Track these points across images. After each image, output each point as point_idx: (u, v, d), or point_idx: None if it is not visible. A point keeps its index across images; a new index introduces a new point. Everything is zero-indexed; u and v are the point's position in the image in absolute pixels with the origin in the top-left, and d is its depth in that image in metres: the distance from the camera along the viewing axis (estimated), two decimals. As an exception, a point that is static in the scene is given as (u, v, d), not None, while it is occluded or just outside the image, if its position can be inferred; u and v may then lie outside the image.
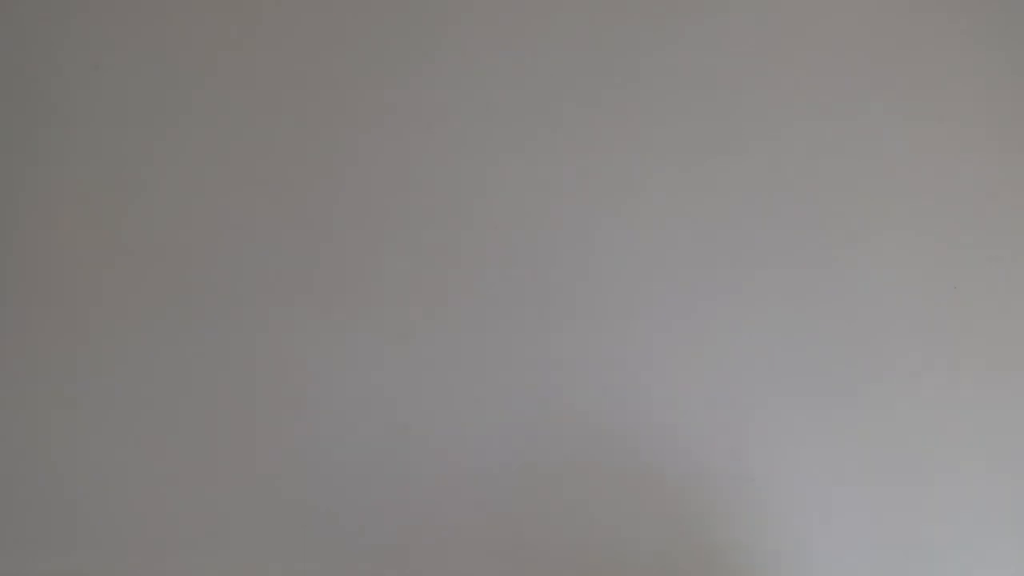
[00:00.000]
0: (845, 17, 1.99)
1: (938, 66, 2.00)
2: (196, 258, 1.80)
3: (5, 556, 1.73)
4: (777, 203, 1.95)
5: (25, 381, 1.75)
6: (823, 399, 1.95)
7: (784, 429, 1.94)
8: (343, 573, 1.81)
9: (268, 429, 1.81)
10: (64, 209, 1.77)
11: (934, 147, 2.00)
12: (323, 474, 1.82)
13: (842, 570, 1.93)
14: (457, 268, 1.86)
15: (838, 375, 1.96)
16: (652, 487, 1.90)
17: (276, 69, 1.82)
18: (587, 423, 1.89)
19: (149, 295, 1.78)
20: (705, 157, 1.93)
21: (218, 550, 1.78)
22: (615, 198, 1.91)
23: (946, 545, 1.94)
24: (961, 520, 1.96)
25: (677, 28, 1.94)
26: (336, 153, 1.84)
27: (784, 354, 1.94)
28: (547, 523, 1.87)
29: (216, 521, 1.78)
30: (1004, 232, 2.01)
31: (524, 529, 1.86)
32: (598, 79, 1.91)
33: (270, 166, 1.82)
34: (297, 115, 1.83)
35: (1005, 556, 1.96)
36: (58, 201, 1.77)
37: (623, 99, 1.92)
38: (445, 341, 1.85)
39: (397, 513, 1.83)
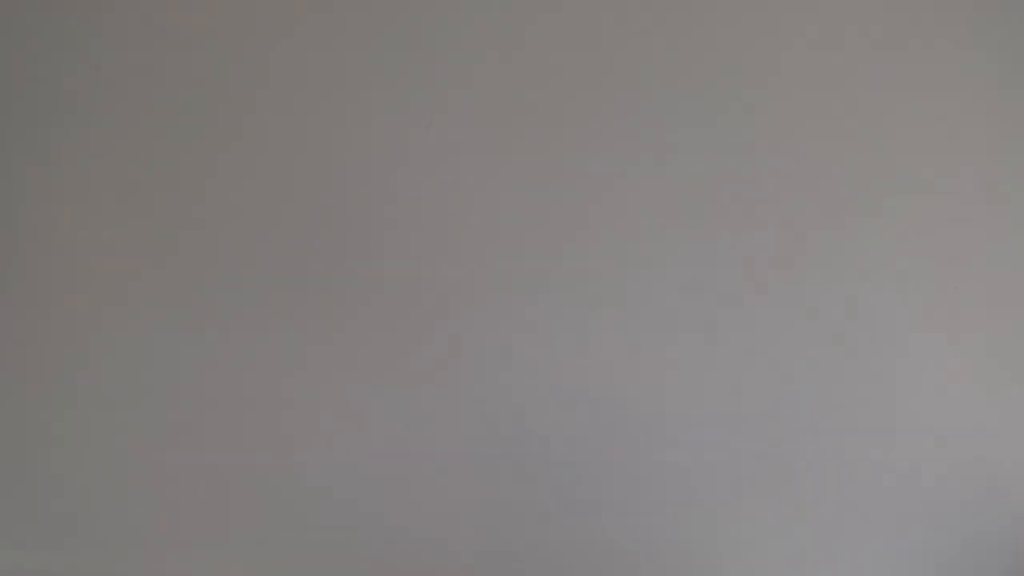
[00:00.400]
0: (844, 17, 1.99)
1: (938, 66, 2.01)
2: (197, 258, 1.80)
3: (5, 556, 1.73)
4: (774, 204, 1.95)
5: (25, 381, 1.75)
6: (823, 402, 1.96)
7: (786, 434, 1.94)
8: (343, 573, 1.81)
9: (269, 429, 1.81)
10: (64, 209, 1.78)
11: (934, 147, 2.00)
12: (324, 474, 1.82)
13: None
14: (456, 269, 1.87)
15: (837, 375, 1.96)
16: (653, 487, 1.90)
17: (277, 69, 1.83)
18: (586, 423, 1.89)
19: (150, 295, 1.79)
20: (701, 159, 1.93)
21: (218, 550, 1.78)
22: (610, 200, 1.91)
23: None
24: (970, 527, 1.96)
25: (675, 28, 1.94)
26: (337, 153, 1.84)
27: (785, 359, 1.94)
28: (547, 524, 1.87)
29: (216, 521, 1.79)
30: (1004, 232, 2.01)
31: (524, 530, 1.86)
32: (591, 81, 1.91)
33: (271, 166, 1.82)
34: (299, 115, 1.83)
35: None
36: (58, 201, 1.77)
37: (618, 100, 1.92)
38: (445, 342, 1.86)
39: (398, 514, 1.83)
